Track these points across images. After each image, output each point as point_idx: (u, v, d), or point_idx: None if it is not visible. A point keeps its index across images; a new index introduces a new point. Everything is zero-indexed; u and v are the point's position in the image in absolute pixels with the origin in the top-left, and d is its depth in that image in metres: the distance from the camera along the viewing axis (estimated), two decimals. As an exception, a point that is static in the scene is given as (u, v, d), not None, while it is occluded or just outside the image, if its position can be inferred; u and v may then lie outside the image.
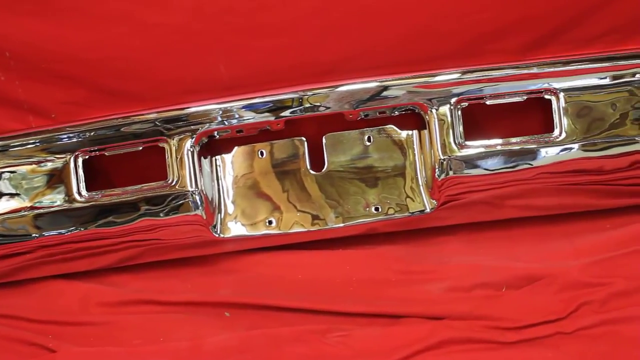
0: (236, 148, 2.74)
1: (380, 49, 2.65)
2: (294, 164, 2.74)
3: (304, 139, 2.72)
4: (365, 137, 2.73)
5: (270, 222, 2.73)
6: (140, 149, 2.66)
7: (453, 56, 2.66)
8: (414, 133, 2.72)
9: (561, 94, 2.62)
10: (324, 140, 2.72)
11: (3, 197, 2.68)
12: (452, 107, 2.62)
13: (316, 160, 2.74)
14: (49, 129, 2.68)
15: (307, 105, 2.63)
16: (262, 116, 2.64)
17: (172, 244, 2.72)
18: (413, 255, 2.72)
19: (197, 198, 2.64)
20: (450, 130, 2.63)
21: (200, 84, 2.68)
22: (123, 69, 2.66)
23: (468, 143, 2.64)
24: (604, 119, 2.63)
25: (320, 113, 2.64)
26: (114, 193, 2.67)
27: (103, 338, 2.58)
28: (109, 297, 2.69)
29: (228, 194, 2.74)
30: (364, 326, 2.51)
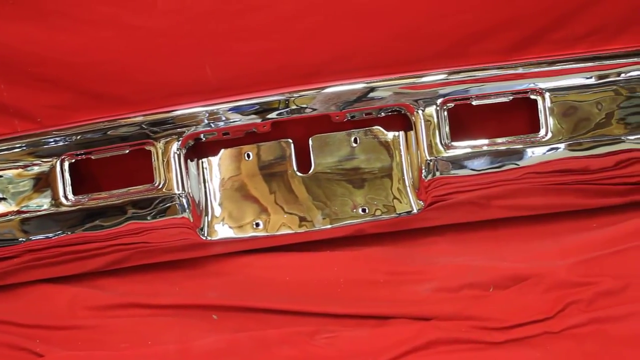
0: (223, 150, 2.74)
1: (365, 50, 2.65)
2: (280, 166, 2.74)
3: (290, 140, 2.72)
4: (352, 139, 2.73)
5: (257, 225, 2.73)
6: (127, 152, 2.66)
7: (439, 57, 2.66)
8: (401, 134, 2.72)
9: (547, 94, 2.63)
10: (311, 142, 2.72)
11: (-10, 202, 2.68)
12: (438, 108, 2.62)
13: (303, 162, 2.74)
14: (35, 133, 2.67)
15: (294, 107, 2.63)
16: (249, 118, 2.64)
17: (159, 247, 2.71)
18: (400, 256, 2.72)
19: (184, 201, 2.64)
20: (437, 131, 2.63)
21: (186, 87, 2.68)
22: (109, 73, 2.66)
23: (454, 144, 2.64)
24: (589, 119, 2.63)
25: (307, 115, 2.64)
26: (101, 197, 2.66)
27: (91, 342, 2.58)
28: (97, 301, 2.68)
29: (215, 197, 2.74)
30: (352, 327, 2.52)
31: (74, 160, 2.67)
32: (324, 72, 2.66)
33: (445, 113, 2.63)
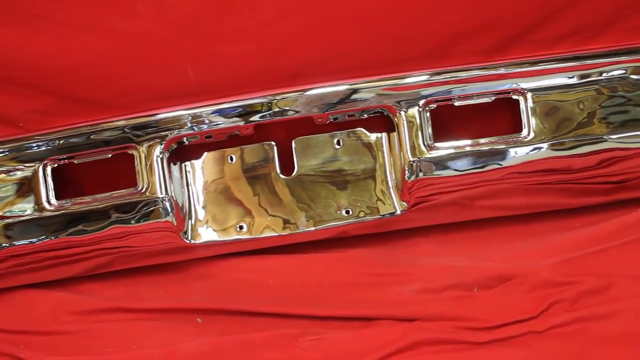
0: (206, 154, 2.73)
1: (347, 52, 2.65)
2: (264, 169, 2.74)
3: (273, 143, 2.72)
4: (335, 141, 2.73)
5: (241, 227, 2.73)
6: (110, 156, 2.65)
7: (421, 58, 2.67)
8: (383, 135, 2.72)
9: (529, 94, 2.63)
10: (294, 144, 2.72)
11: (-28, 207, 2.67)
12: (421, 109, 2.62)
13: (286, 165, 2.74)
14: (17, 138, 2.67)
15: (276, 109, 2.63)
16: (231, 121, 2.63)
17: (143, 251, 2.71)
18: (384, 258, 2.72)
19: (167, 204, 2.63)
20: (419, 132, 2.63)
21: (168, 90, 2.68)
22: (91, 77, 2.66)
23: (437, 144, 2.64)
24: (571, 118, 2.64)
25: (290, 117, 2.64)
26: (84, 201, 2.66)
27: (75, 347, 2.57)
28: (81, 306, 2.67)
29: (198, 200, 2.74)
30: (337, 329, 2.51)
31: (56, 165, 2.66)
32: (306, 74, 2.66)
33: (428, 114, 2.63)
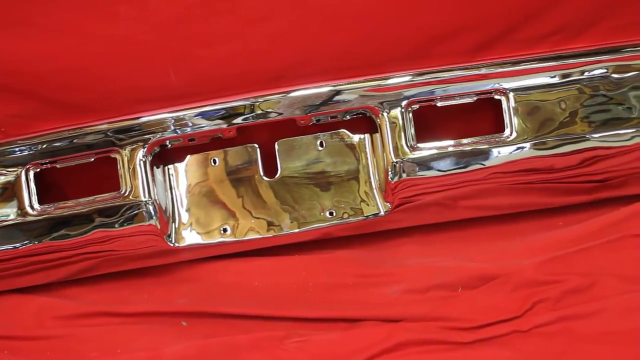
0: (189, 157, 2.73)
1: (328, 54, 2.65)
2: (247, 171, 2.73)
3: (256, 145, 2.72)
4: (318, 142, 2.73)
5: (225, 230, 2.72)
6: (92, 160, 2.64)
7: (403, 60, 2.66)
8: (366, 137, 2.72)
9: (511, 94, 2.64)
10: (277, 146, 2.72)
11: (-46, 213, 2.65)
12: (403, 110, 2.63)
13: (270, 167, 2.74)
14: (-1, 143, 2.65)
15: (259, 111, 2.62)
16: (214, 124, 2.63)
17: (127, 255, 2.70)
18: (369, 259, 2.73)
19: (151, 208, 2.63)
20: (402, 133, 2.63)
21: (151, 93, 2.66)
22: (72, 81, 2.64)
23: (420, 145, 2.64)
24: (553, 118, 2.65)
25: (272, 119, 2.64)
26: (67, 205, 2.65)
27: (60, 352, 2.56)
28: (65, 310, 2.66)
29: (182, 203, 2.73)
30: (322, 331, 2.51)
31: (39, 170, 2.65)
32: (288, 76, 2.66)
33: (411, 115, 2.64)
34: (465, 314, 2.47)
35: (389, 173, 2.65)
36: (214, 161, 2.73)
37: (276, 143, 2.72)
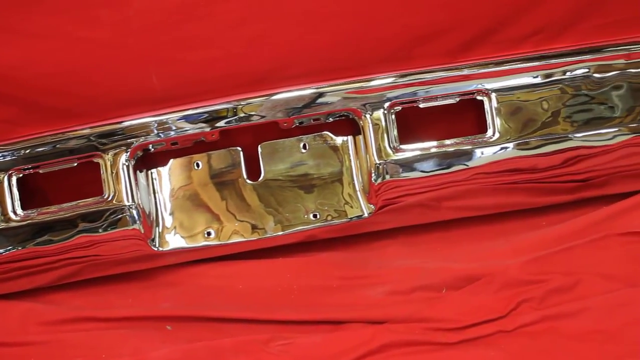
0: (172, 160, 2.72)
1: (310, 56, 2.65)
2: (230, 174, 2.73)
3: (239, 149, 2.71)
4: (301, 145, 2.73)
5: (209, 234, 2.72)
6: (75, 165, 2.64)
7: (384, 61, 2.67)
8: (349, 139, 2.72)
9: (493, 95, 2.64)
10: (260, 149, 2.72)
11: (-63, 219, 2.64)
12: (386, 112, 2.63)
13: (253, 170, 2.73)
14: (-19, 149, 2.65)
15: (242, 114, 2.62)
16: (197, 127, 2.63)
17: (111, 260, 2.69)
18: (353, 261, 2.72)
19: (134, 212, 2.62)
20: (385, 135, 2.64)
21: (133, 98, 2.66)
22: (54, 85, 2.63)
23: (403, 146, 2.65)
24: (536, 118, 2.66)
25: (255, 122, 2.63)
26: (50, 211, 2.64)
27: (44, 357, 2.55)
28: (49, 316, 2.65)
29: (165, 207, 2.73)
30: (306, 334, 2.51)
31: (22, 175, 2.64)
32: (270, 79, 2.66)
33: (393, 116, 2.64)
34: (450, 314, 2.47)
35: (372, 175, 2.65)
36: (197, 165, 2.72)
37: (259, 146, 2.71)
